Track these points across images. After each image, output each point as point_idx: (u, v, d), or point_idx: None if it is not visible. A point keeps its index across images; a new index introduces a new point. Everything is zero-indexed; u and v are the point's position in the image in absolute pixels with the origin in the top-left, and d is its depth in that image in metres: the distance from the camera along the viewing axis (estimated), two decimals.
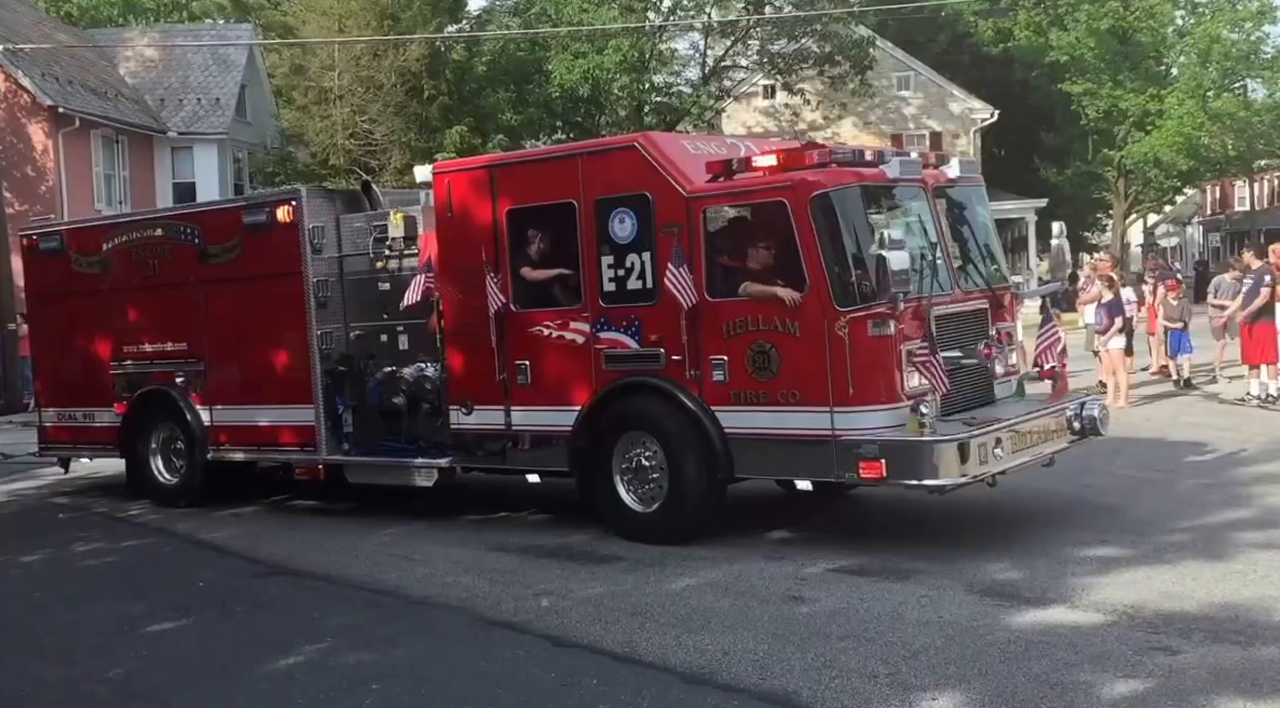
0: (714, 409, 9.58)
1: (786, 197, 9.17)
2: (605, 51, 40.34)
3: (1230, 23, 43.51)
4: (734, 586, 8.69)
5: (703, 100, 43.02)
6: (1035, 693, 6.20)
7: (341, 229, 12.00)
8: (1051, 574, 8.45)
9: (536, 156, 11.72)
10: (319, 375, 11.85)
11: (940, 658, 6.81)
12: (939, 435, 8.78)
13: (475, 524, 11.58)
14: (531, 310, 10.55)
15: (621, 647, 7.44)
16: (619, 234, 10.00)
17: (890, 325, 8.98)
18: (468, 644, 7.78)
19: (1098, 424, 9.74)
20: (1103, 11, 42.84)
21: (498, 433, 10.79)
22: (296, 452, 12.11)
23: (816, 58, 42.54)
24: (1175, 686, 6.19)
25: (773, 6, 43.31)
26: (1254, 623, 7.14)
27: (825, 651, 7.06)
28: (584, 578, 9.23)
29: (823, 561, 9.17)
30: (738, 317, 9.45)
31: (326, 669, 7.46)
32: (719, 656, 7.10)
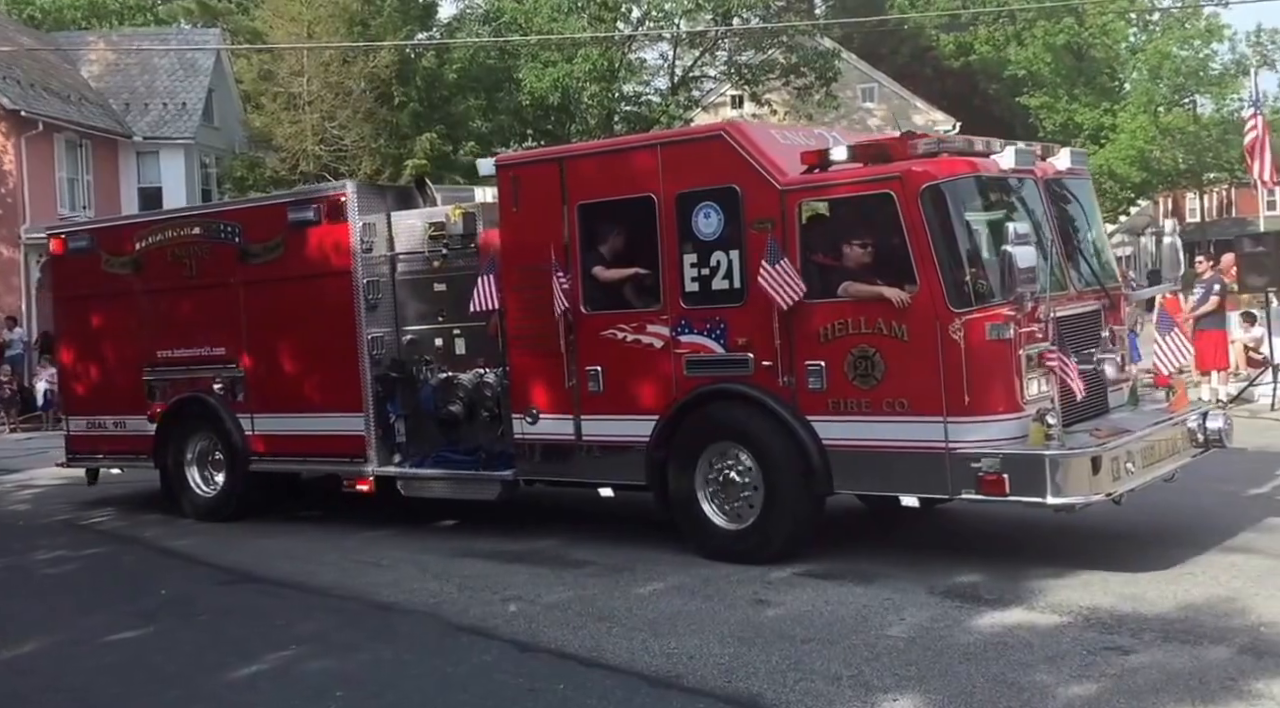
0: (810, 419, 8.97)
1: (894, 188, 8.56)
2: (575, 60, 40.12)
3: (1180, 40, 44.70)
4: (701, 590, 8.65)
5: (672, 110, 42.80)
6: (993, 693, 6.30)
7: (393, 226, 11.31)
8: (1010, 577, 8.50)
9: (611, 147, 11.06)
10: (369, 382, 11.17)
11: (902, 659, 6.91)
12: (1068, 448, 8.23)
13: (443, 530, 11.35)
14: (604, 313, 9.91)
15: (589, 651, 7.43)
16: (703, 230, 9.38)
17: (1010, 328, 8.40)
18: (434, 650, 7.72)
19: (1223, 436, 9.19)
20: (1059, 28, 43.98)
21: (566, 443, 10.14)
22: (345, 463, 11.41)
23: (783, 69, 42.78)
24: (1127, 685, 6.31)
25: (740, 18, 43.26)
26: (1202, 624, 7.26)
27: (790, 653, 7.11)
28: (552, 583, 9.14)
29: (788, 565, 9.07)
30: (836, 319, 8.83)
31: (290, 677, 7.38)
32: (685, 659, 7.13)
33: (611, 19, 40.06)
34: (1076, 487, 8.15)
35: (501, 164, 10.55)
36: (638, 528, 10.64)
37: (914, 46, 49.95)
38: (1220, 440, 9.23)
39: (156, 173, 39.77)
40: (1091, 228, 9.93)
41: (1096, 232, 10.02)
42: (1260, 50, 45.41)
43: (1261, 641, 6.93)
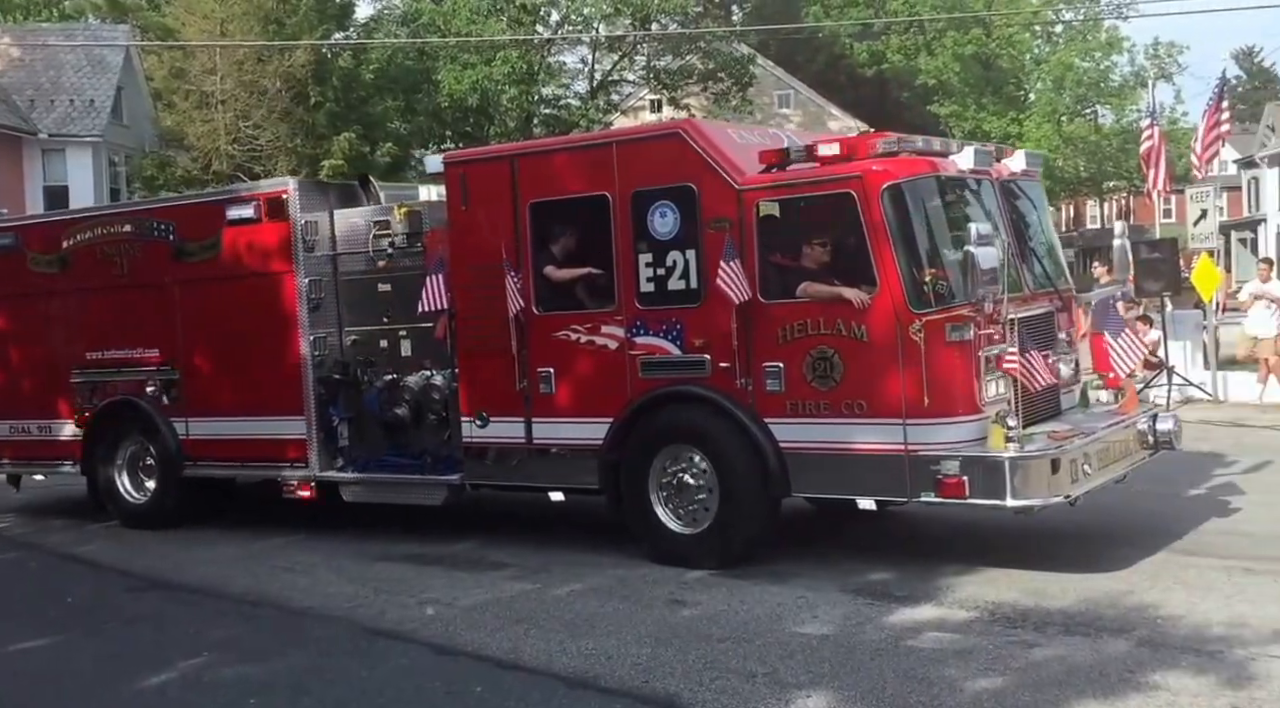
0: (767, 421, 8.89)
1: (854, 188, 8.50)
2: (494, 63, 40.07)
3: (1082, 53, 45.81)
4: (618, 591, 8.69)
5: (591, 113, 42.82)
6: (903, 688, 6.41)
7: (336, 225, 11.01)
8: (920, 575, 8.65)
9: (565, 145, 10.88)
10: (311, 384, 10.88)
11: (815, 656, 7.01)
12: (1028, 451, 8.24)
13: (359, 534, 11.20)
14: (557, 313, 9.75)
15: (506, 654, 7.42)
16: (659, 230, 9.26)
17: (970, 329, 8.39)
18: (351, 655, 7.65)
19: (1172, 438, 9.26)
20: (967, 39, 44.81)
21: (517, 447, 9.95)
22: (285, 468, 11.09)
23: (701, 74, 43.20)
24: (1032, 678, 6.45)
25: (659, 24, 43.49)
26: (1103, 617, 7.46)
27: (706, 652, 7.17)
28: (469, 586, 9.09)
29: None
30: (795, 320, 8.76)
31: (202, 685, 7.27)
32: (602, 660, 7.16)
33: (531, 22, 40.09)
34: (1036, 489, 8.17)
35: (450, 162, 10.33)
36: (556, 530, 10.59)
37: (829, 54, 50.56)
38: (1170, 442, 9.30)
39: (63, 171, 38.99)
40: (1043, 229, 9.98)
41: (1048, 233, 10.08)
42: (1158, 63, 46.55)
43: (1158, 633, 7.13)
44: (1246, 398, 17.66)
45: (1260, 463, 12.27)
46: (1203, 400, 17.48)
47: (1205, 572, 8.43)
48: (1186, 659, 6.64)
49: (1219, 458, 12.45)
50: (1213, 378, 17.76)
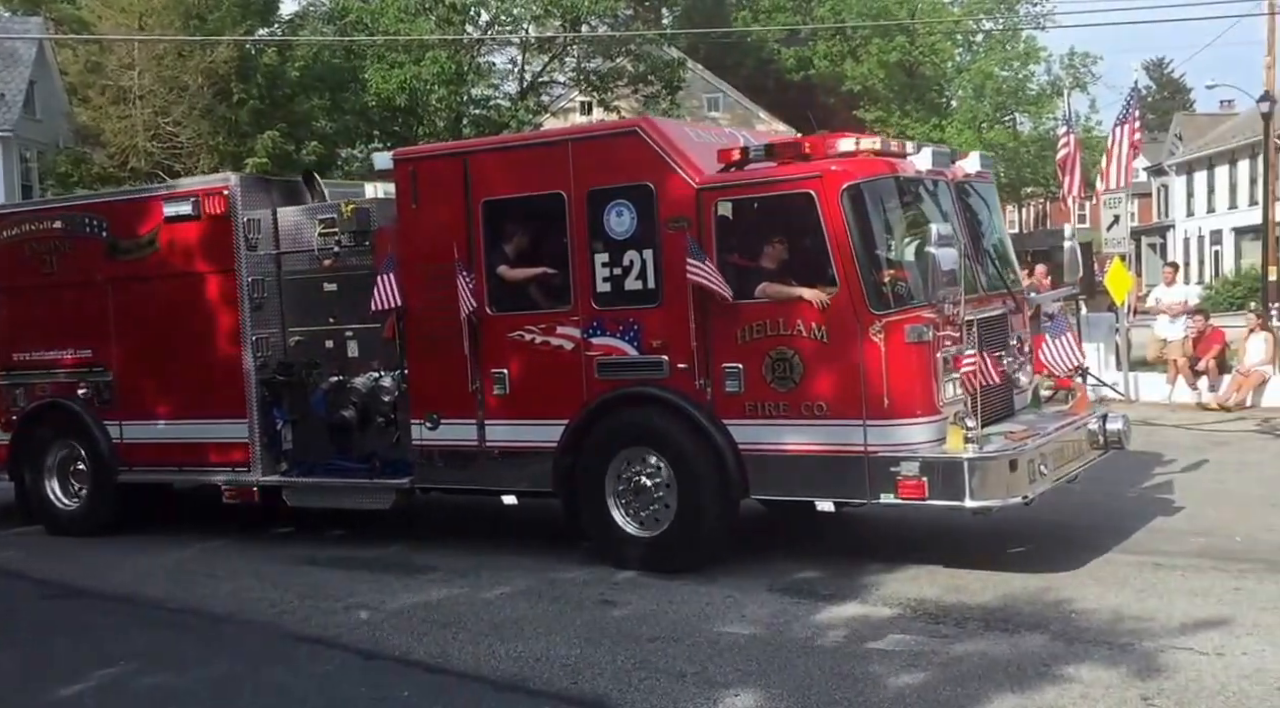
0: (726, 423, 8.82)
1: (814, 187, 8.45)
2: (423, 62, 39.63)
3: (1001, 62, 46.74)
4: (547, 592, 8.69)
5: (521, 114, 42.59)
6: (829, 685, 6.51)
7: (280, 222, 10.75)
8: (846, 573, 8.76)
9: (519, 142, 10.69)
10: (254, 386, 10.60)
11: (743, 655, 7.08)
12: (986, 451, 8.25)
13: (283, 538, 11.10)
14: (511, 313, 9.60)
15: (434, 658, 7.38)
16: (615, 229, 9.15)
17: (930, 331, 8.39)
18: (274, 661, 7.58)
19: (1122, 438, 9.33)
20: (891, 46, 45.45)
21: (469, 449, 9.78)
22: (227, 472, 10.79)
23: (631, 77, 43.18)
24: (952, 673, 6.58)
25: (589, 25, 43.38)
26: (1021, 612, 7.63)
27: (636, 653, 7.20)
28: (397, 590, 9.03)
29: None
30: (755, 321, 8.69)
31: (120, 694, 7.14)
32: (531, 662, 7.15)
33: (460, 22, 39.72)
34: (994, 490, 8.20)
35: (400, 158, 10.13)
36: (484, 533, 10.49)
37: (757, 59, 50.92)
38: (1120, 442, 9.37)
39: None
40: (996, 231, 10.02)
41: (1001, 235, 10.13)
42: (1073, 73, 47.50)
43: (1073, 627, 7.30)
44: (1156, 398, 18.09)
45: (1169, 460, 12.57)
46: (1115, 400, 17.81)
47: (1118, 567, 8.60)
48: (1099, 652, 6.81)
49: (1131, 456, 12.57)
50: (1125, 379, 18.11)
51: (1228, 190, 56.42)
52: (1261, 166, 39.29)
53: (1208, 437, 14.70)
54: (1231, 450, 13.32)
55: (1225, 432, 15.06)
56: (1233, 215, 55.00)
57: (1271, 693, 6.09)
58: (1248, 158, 53.27)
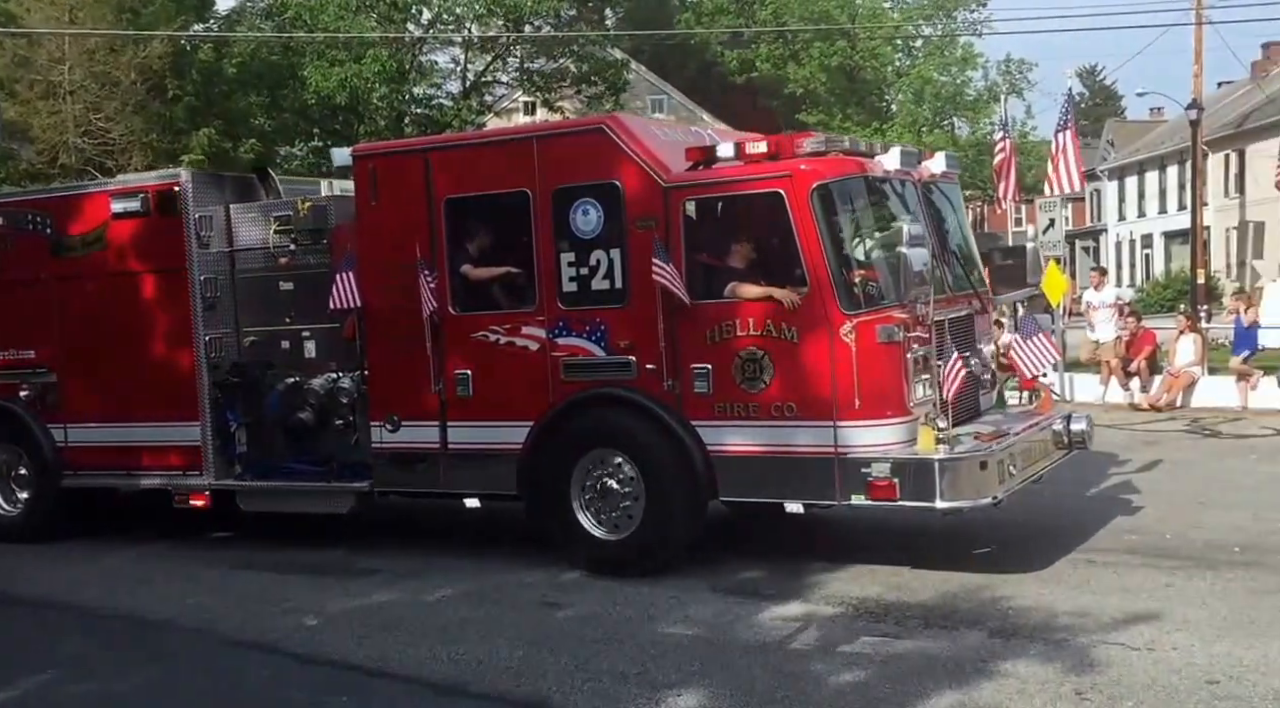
0: (695, 424, 8.72)
1: (784, 187, 8.37)
2: (364, 61, 39.02)
3: (940, 67, 46.94)
4: (490, 595, 8.64)
5: (464, 114, 42.12)
6: (772, 684, 6.55)
7: (233, 220, 10.49)
8: (789, 572, 8.80)
9: (483, 140, 10.46)
10: (206, 388, 10.33)
11: (686, 655, 7.10)
12: (957, 452, 8.22)
13: (221, 542, 10.99)
14: (475, 313, 9.44)
15: (374, 662, 7.31)
16: (582, 228, 9.01)
17: (900, 331, 8.35)
18: (210, 668, 7.47)
19: (1085, 438, 9.35)
20: (832, 50, 45.65)
21: (430, 452, 9.60)
22: (178, 476, 10.50)
23: (574, 77, 42.77)
24: (892, 671, 6.66)
25: (532, 26, 43.06)
26: (959, 610, 7.75)
27: (579, 654, 7.20)
28: (336, 594, 8.93)
29: (577, 567, 9.13)
30: (724, 321, 8.60)
31: (49, 702, 7.06)
32: (474, 665, 7.12)
33: (402, 20, 39.21)
34: (965, 490, 8.18)
35: (359, 155, 9.96)
36: (427, 536, 10.40)
37: (700, 61, 50.95)
38: (1084, 442, 9.40)
39: None
40: (961, 231, 10.01)
41: (965, 235, 10.12)
42: (1010, 79, 47.94)
43: (1010, 624, 7.41)
44: (1090, 398, 18.30)
45: (1105, 457, 12.65)
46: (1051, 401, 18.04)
47: (1053, 565, 8.69)
48: (1035, 648, 6.92)
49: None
50: (1060, 379, 18.33)
51: (1158, 195, 57.38)
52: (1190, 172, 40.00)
53: (1139, 437, 14.93)
54: (1162, 450, 13.53)
55: (1156, 432, 15.33)
56: (1163, 220, 55.94)
57: (1199, 687, 6.22)
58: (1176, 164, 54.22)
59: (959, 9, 45.89)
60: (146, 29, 36.30)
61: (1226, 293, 36.26)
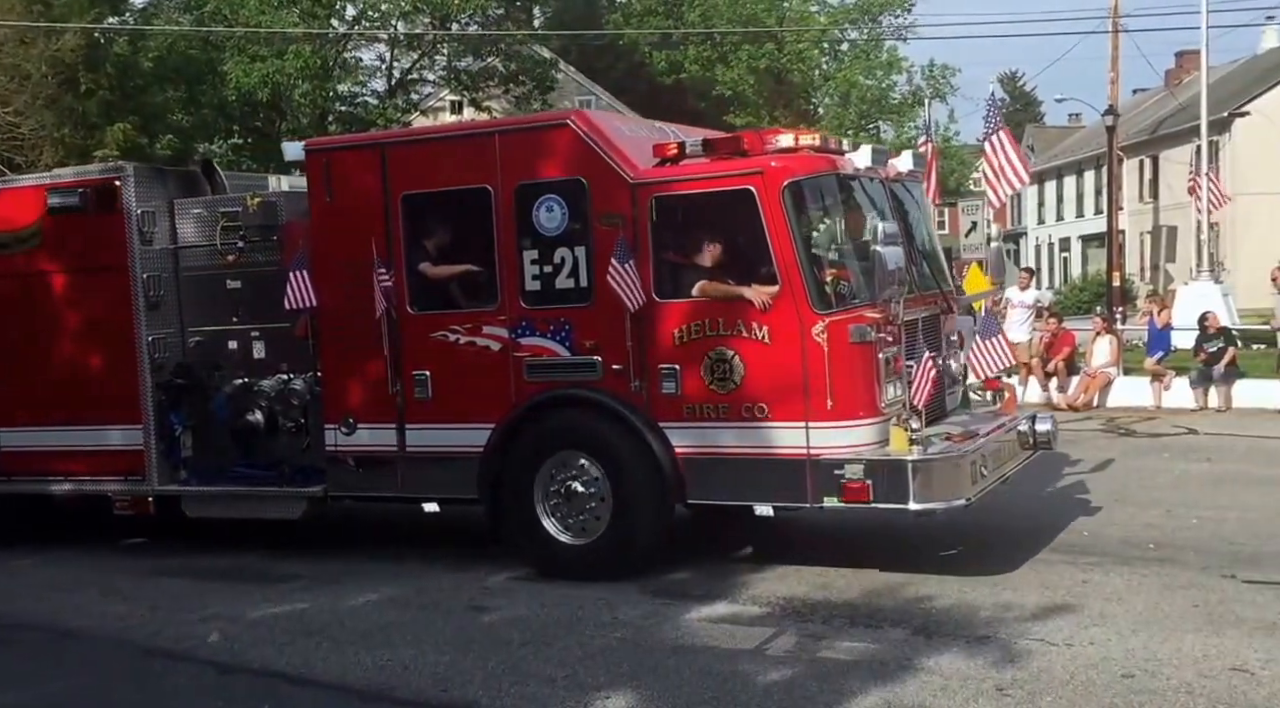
0: (663, 425, 8.54)
1: (755, 184, 8.22)
2: (286, 56, 38.30)
3: (865, 71, 47.17)
4: (416, 599, 8.55)
5: (389, 112, 41.57)
6: (700, 685, 6.55)
7: (177, 216, 10.12)
8: (717, 574, 8.82)
9: (442, 134, 10.13)
10: (149, 390, 9.94)
11: (615, 658, 7.08)
12: (931, 453, 8.13)
13: (132, 549, 10.68)
14: (434, 313, 9.18)
15: (297, 668, 7.19)
16: (546, 225, 8.79)
17: (873, 331, 8.23)
18: (124, 678, 7.30)
19: (1050, 439, 9.31)
20: (760, 53, 45.55)
21: (387, 455, 9.32)
22: (119, 482, 10.10)
23: (502, 77, 42.38)
24: (819, 669, 6.72)
25: (459, 24, 42.63)
26: (883, 608, 7.83)
27: (506, 658, 7.14)
28: (256, 600, 8.75)
29: (505, 570, 9.07)
30: (693, 320, 8.44)
31: None
32: (399, 670, 7.03)
33: (325, 15, 38.53)
34: (939, 491, 8.09)
35: (311, 149, 9.64)
36: (350, 539, 10.18)
37: (629, 62, 50.76)
38: (1049, 443, 9.37)
39: None
40: (927, 231, 9.93)
41: (930, 234, 10.04)
42: (933, 84, 48.39)
43: (932, 621, 7.51)
44: None
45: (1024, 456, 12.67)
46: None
47: (974, 562, 8.73)
48: (958, 645, 7.00)
49: None
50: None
51: (1075, 199, 58.42)
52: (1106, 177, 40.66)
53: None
54: (1079, 449, 13.65)
55: (1074, 431, 15.42)
56: (1080, 223, 56.96)
57: (1115, 680, 6.33)
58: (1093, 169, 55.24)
59: (884, 14, 46.21)
60: (59, 21, 35.34)
61: (1141, 296, 37.01)
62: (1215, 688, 6.16)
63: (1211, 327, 18.11)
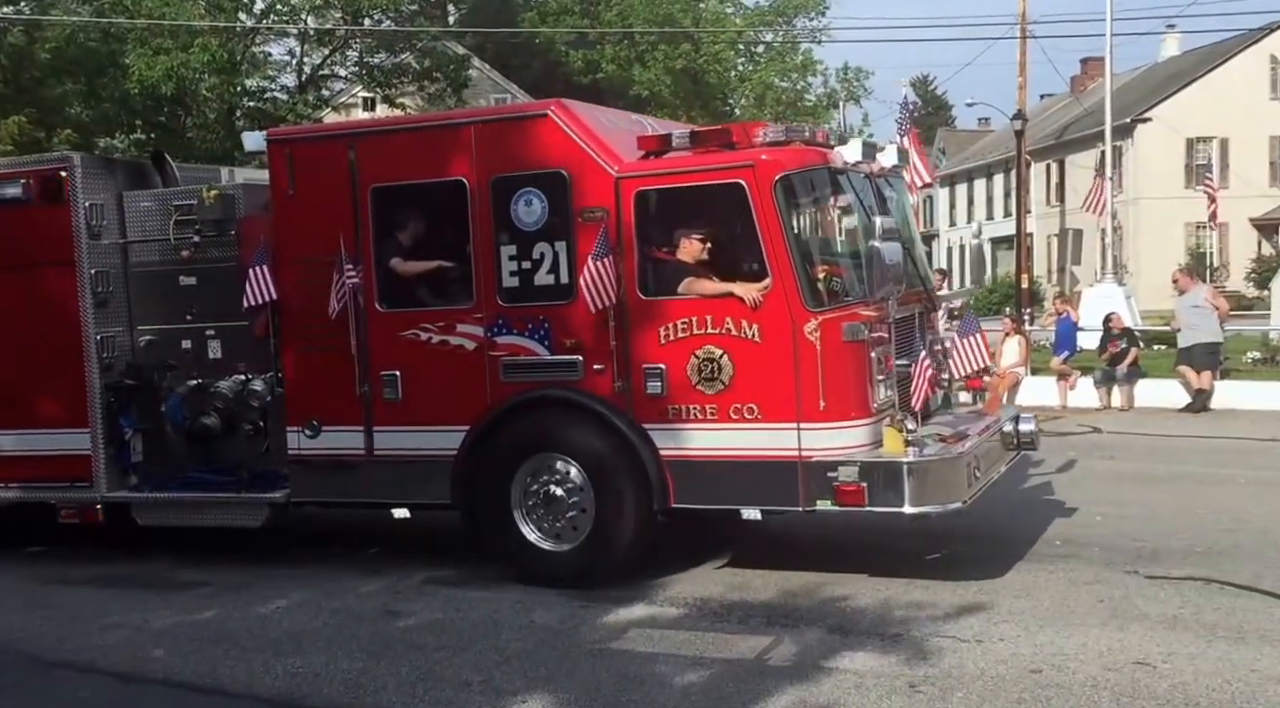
0: (647, 427, 8.26)
1: (745, 177, 7.96)
2: (192, 50, 37.18)
3: (780, 72, 47.58)
4: (327, 605, 8.38)
5: (300, 108, 40.63)
6: (616, 687, 6.53)
7: (126, 209, 9.60)
8: (633, 575, 8.59)
9: (414, 124, 9.64)
10: (97, 392, 9.42)
11: (531, 661, 7.02)
12: (926, 454, 7.95)
13: (33, 557, 10.32)
14: (404, 310, 8.81)
15: (203, 678, 7.01)
16: (524, 220, 8.46)
17: (866, 329, 8.04)
18: (19, 690, 7.05)
19: (1034, 439, 9.19)
20: (677, 53, 45.53)
21: (354, 459, 8.93)
22: (64, 489, 9.57)
23: (416, 73, 41.65)
24: (736, 670, 6.73)
25: (371, 19, 41.84)
26: (800, 607, 7.84)
27: (420, 663, 7.05)
28: (160, 607, 8.52)
29: (419, 573, 9.00)
30: (679, 318, 8.14)
31: None
32: (309, 678, 6.90)
33: (233, 8, 37.53)
34: (936, 495, 7.91)
35: (274, 139, 9.20)
36: (258, 545, 9.81)
37: (545, 61, 50.32)
38: (1032, 443, 9.24)
39: None
40: (909, 227, 9.76)
41: (913, 231, 9.87)
42: (847, 86, 48.79)
43: (847, 619, 7.57)
44: None
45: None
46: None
47: (887, 562, 8.73)
48: (872, 643, 7.08)
49: None
50: None
51: (985, 202, 59.27)
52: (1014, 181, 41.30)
53: None
54: None
55: None
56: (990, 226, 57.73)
57: (1024, 675, 6.43)
58: (1002, 172, 56.17)
59: (799, 16, 46.43)
60: None
61: (1048, 297, 37.62)
62: (1119, 681, 6.29)
63: (1115, 328, 18.41)
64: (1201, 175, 40.20)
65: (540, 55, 49.90)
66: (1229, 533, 9.46)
